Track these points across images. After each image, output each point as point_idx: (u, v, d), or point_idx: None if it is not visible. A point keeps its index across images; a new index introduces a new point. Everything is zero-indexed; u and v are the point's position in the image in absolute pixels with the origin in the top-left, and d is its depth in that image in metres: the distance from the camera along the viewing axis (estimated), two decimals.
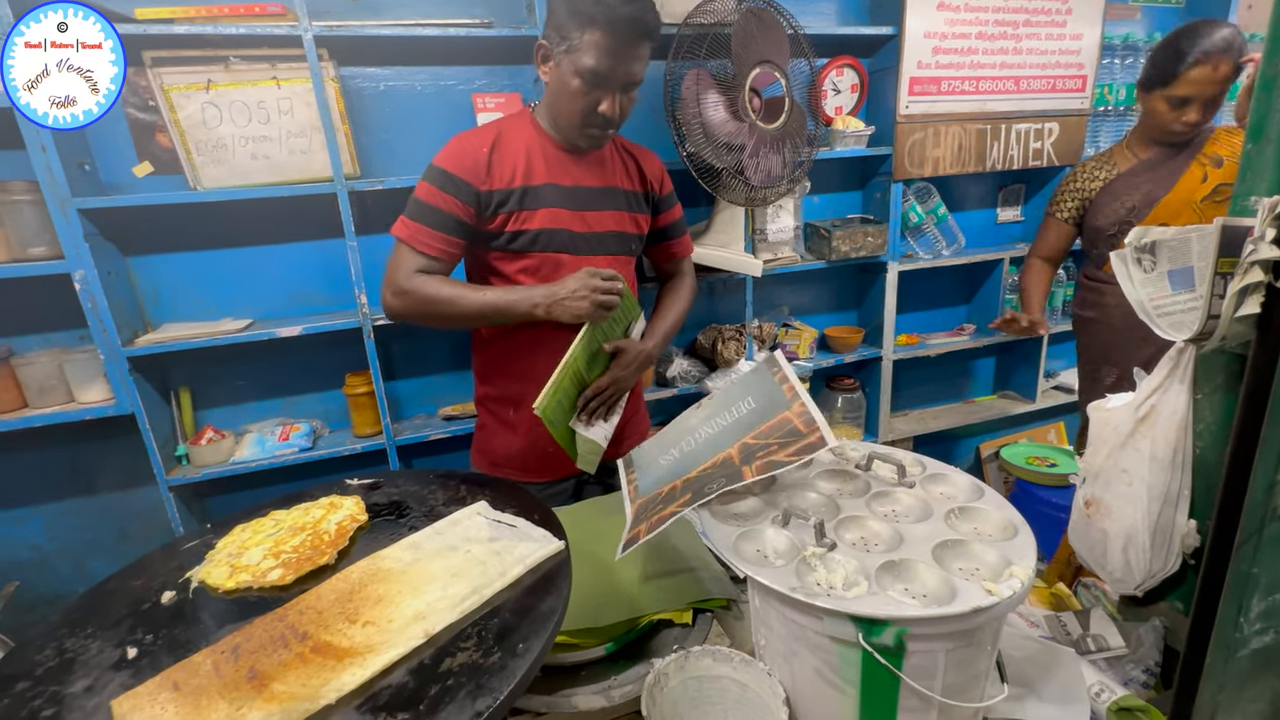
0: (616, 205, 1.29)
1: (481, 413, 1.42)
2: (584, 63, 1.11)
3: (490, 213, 1.19)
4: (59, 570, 1.81)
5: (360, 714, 0.55)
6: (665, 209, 1.40)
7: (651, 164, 1.37)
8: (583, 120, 1.17)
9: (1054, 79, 2.23)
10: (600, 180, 1.27)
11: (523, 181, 1.20)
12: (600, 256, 1.28)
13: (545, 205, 1.21)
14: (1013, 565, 0.75)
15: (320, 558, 0.78)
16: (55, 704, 0.60)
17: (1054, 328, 2.55)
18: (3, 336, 1.61)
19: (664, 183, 1.39)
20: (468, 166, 1.17)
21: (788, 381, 0.96)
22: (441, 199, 1.16)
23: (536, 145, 1.22)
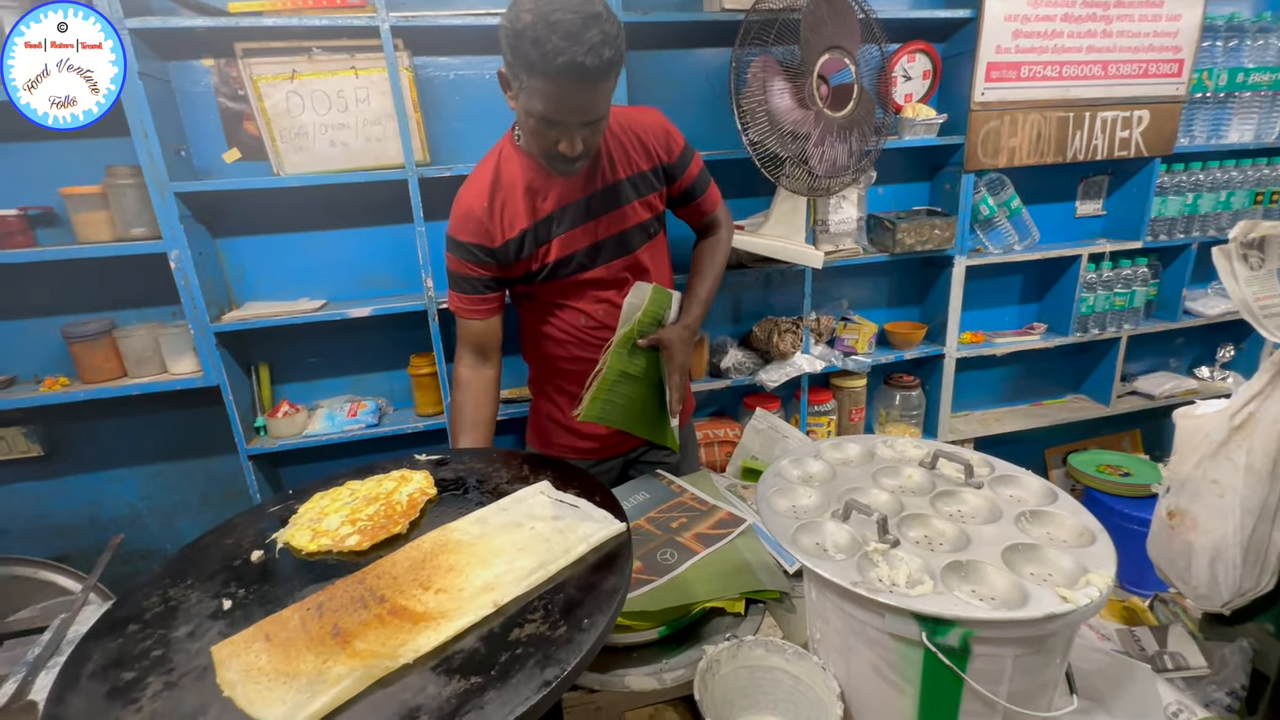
0: (623, 200, 1.23)
1: (535, 394, 1.46)
2: (534, 106, 1.02)
3: (512, 260, 1.22)
4: (149, 527, 1.96)
5: (435, 674, 0.58)
6: (681, 170, 1.29)
7: (652, 128, 1.25)
8: (545, 157, 1.11)
9: (1146, 63, 2.09)
10: (602, 181, 1.21)
11: (531, 221, 1.19)
12: (621, 258, 1.27)
13: (556, 233, 1.21)
14: (1090, 573, 0.72)
15: (393, 527, 0.82)
16: (163, 645, 0.65)
17: (1132, 330, 2.41)
18: (106, 310, 1.75)
19: (670, 144, 1.26)
20: (474, 230, 1.19)
21: (674, 483, 1.30)
22: (465, 266, 1.21)
23: (534, 176, 1.19)
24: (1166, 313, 2.49)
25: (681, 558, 1.04)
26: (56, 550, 1.88)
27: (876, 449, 1.04)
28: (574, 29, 0.94)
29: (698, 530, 1.11)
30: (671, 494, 1.25)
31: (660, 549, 1.07)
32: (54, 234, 1.65)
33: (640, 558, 1.05)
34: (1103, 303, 2.34)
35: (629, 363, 1.25)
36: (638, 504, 1.22)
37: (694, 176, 1.33)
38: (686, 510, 1.18)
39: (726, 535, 1.09)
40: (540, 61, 0.95)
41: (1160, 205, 2.31)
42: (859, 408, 2.30)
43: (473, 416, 1.26)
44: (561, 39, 0.94)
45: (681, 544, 1.08)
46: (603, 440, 1.38)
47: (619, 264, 1.27)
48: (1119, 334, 2.39)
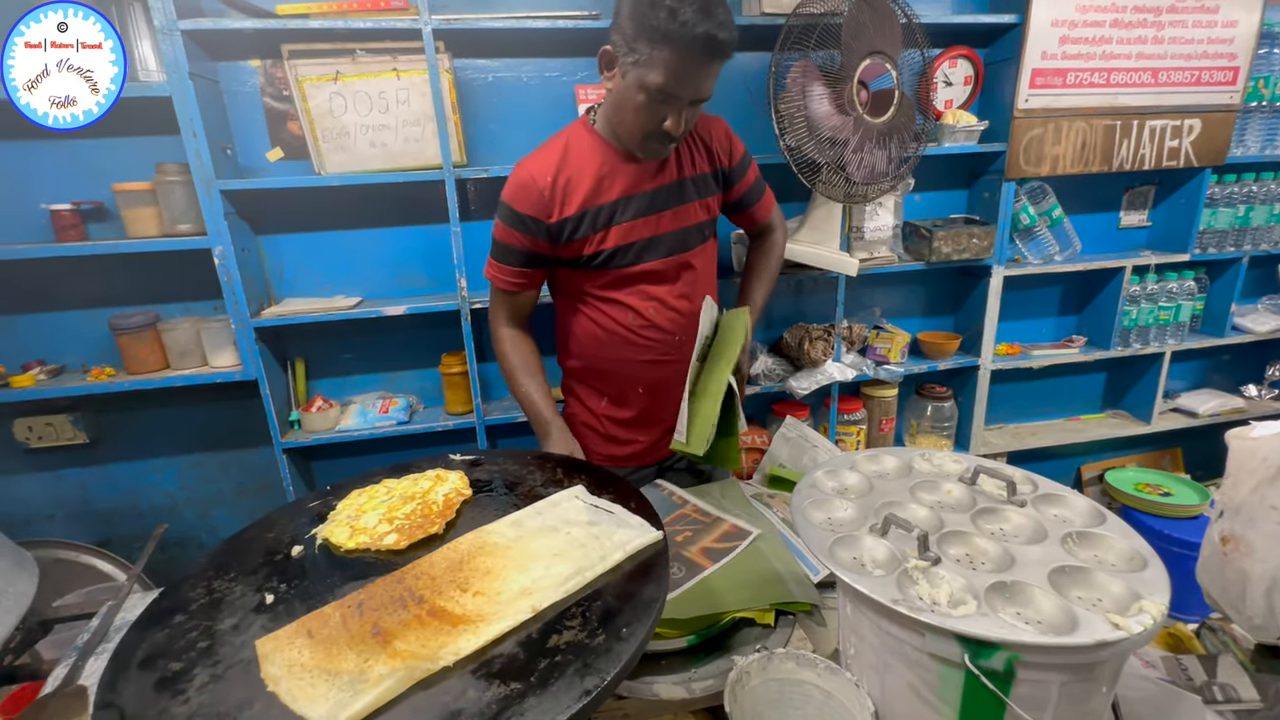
0: (686, 198, 1.26)
1: (567, 398, 1.45)
2: (651, 79, 1.04)
3: (565, 239, 1.20)
4: (187, 517, 2.01)
5: (475, 678, 0.58)
6: (739, 176, 1.33)
7: (718, 133, 1.29)
8: (644, 135, 1.12)
9: (1199, 70, 2.02)
10: (668, 177, 1.23)
11: (594, 203, 1.18)
12: (676, 255, 1.27)
13: (617, 221, 1.20)
14: (1143, 600, 0.70)
15: (430, 527, 0.83)
16: (208, 638, 0.67)
17: (1177, 345, 2.34)
18: (151, 304, 1.80)
19: (733, 149, 1.31)
20: (533, 202, 1.17)
21: (675, 494, 1.25)
22: (515, 237, 1.20)
23: (604, 160, 1.19)
24: (1213, 328, 2.41)
25: (689, 573, 1.02)
26: (99, 536, 1.94)
27: (914, 462, 1.02)
28: (706, 4, 1.00)
29: (704, 544, 1.09)
30: (673, 505, 1.22)
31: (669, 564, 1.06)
32: (104, 228, 1.70)
33: None
34: (1146, 316, 2.27)
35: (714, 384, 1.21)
36: None
37: (750, 184, 1.36)
38: (690, 523, 1.15)
39: (733, 549, 1.07)
40: (676, 30, 0.99)
41: (1210, 217, 2.23)
42: (889, 418, 2.26)
43: (531, 365, 1.28)
44: (695, 11, 0.98)
45: (688, 559, 1.06)
46: (640, 447, 1.38)
47: (674, 261, 1.27)
48: (1162, 349, 2.32)
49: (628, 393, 1.34)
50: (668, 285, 1.28)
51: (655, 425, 1.37)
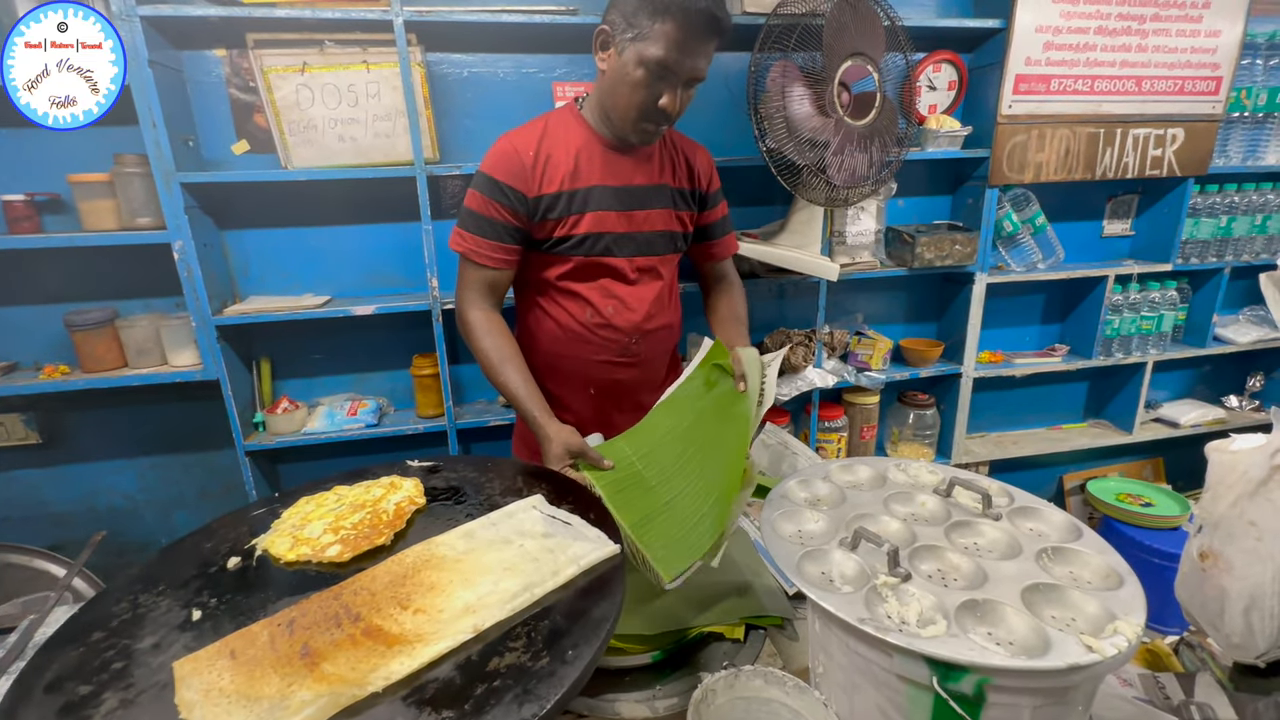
0: (663, 203, 1.25)
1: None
2: (651, 53, 1.05)
3: (539, 218, 1.18)
4: (146, 520, 1.95)
5: (406, 706, 0.54)
6: (711, 205, 1.35)
7: (702, 159, 1.32)
8: (640, 113, 1.12)
9: (1182, 80, 2.02)
10: (648, 178, 1.23)
11: (570, 185, 1.17)
12: (645, 257, 1.25)
13: (592, 208, 1.18)
14: (1117, 620, 0.67)
15: (377, 538, 0.79)
16: (125, 658, 0.62)
17: (1159, 355, 2.33)
18: (109, 300, 1.73)
19: (713, 179, 1.35)
20: (515, 172, 1.14)
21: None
22: (493, 208, 1.15)
23: (584, 144, 1.18)
24: (1195, 338, 2.41)
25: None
26: (53, 539, 1.86)
27: (889, 472, 0.99)
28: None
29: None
30: None
31: None
32: (60, 221, 1.64)
33: None
34: (1128, 326, 2.27)
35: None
36: None
37: (719, 216, 1.38)
38: None
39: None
40: (679, 3, 1.03)
41: (1192, 227, 2.24)
42: (871, 425, 2.24)
43: (508, 352, 1.19)
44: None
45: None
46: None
47: (641, 262, 1.25)
48: (1144, 358, 2.32)
49: (579, 393, 1.32)
50: (630, 286, 1.25)
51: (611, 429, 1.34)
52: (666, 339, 1.36)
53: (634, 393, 1.34)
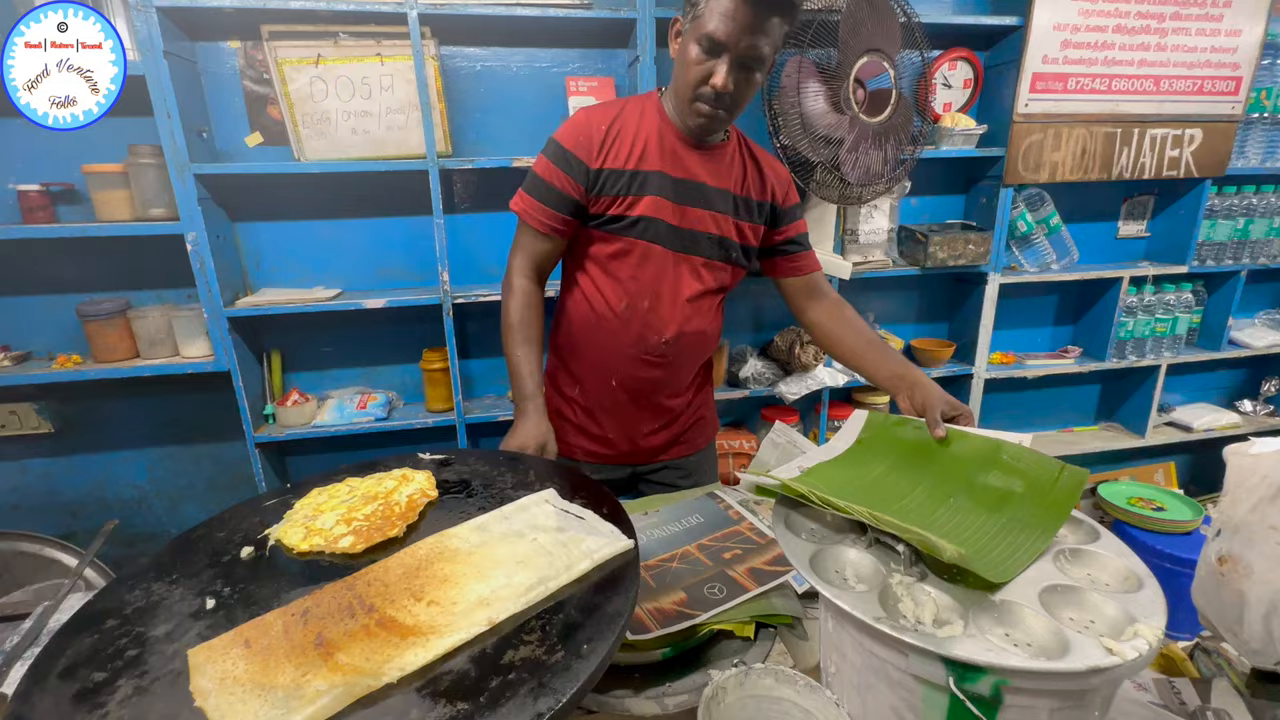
0: (724, 208, 1.22)
1: (547, 383, 1.37)
2: (704, 28, 1.05)
3: (598, 191, 1.17)
4: (156, 510, 1.96)
5: (420, 697, 0.54)
6: (788, 220, 1.30)
7: (778, 173, 1.29)
8: (692, 92, 1.10)
9: (1201, 80, 2.00)
10: (713, 179, 1.20)
11: (635, 165, 1.16)
12: (691, 256, 1.22)
13: (651, 193, 1.17)
14: (1138, 623, 0.66)
15: (390, 529, 0.78)
16: (139, 645, 0.62)
17: (1173, 358, 2.31)
18: (122, 290, 1.74)
19: (789, 194, 1.30)
20: (583, 143, 1.15)
21: (732, 508, 1.17)
22: (556, 175, 1.15)
23: (655, 129, 1.18)
24: (1210, 341, 2.39)
25: (731, 593, 0.96)
26: (64, 528, 1.88)
27: None
28: None
29: (752, 564, 1.02)
30: (729, 521, 1.15)
31: (709, 582, 0.99)
32: (75, 211, 1.65)
33: (685, 589, 0.98)
34: (1142, 328, 2.25)
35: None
36: (690, 527, 1.13)
37: (800, 231, 1.32)
38: (743, 541, 1.09)
39: (785, 572, 1.00)
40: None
41: (1209, 229, 2.21)
42: None
43: (531, 328, 1.21)
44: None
45: (732, 578, 0.99)
46: (613, 444, 1.33)
47: (687, 261, 1.22)
48: (1158, 361, 2.30)
49: (602, 383, 1.30)
50: (672, 284, 1.23)
51: (627, 425, 1.33)
52: (699, 346, 1.33)
53: (655, 393, 1.32)
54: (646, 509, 1.19)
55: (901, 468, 0.95)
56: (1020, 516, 0.82)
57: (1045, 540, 0.79)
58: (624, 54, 1.86)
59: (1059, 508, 0.83)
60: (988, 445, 0.93)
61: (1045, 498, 0.85)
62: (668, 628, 0.90)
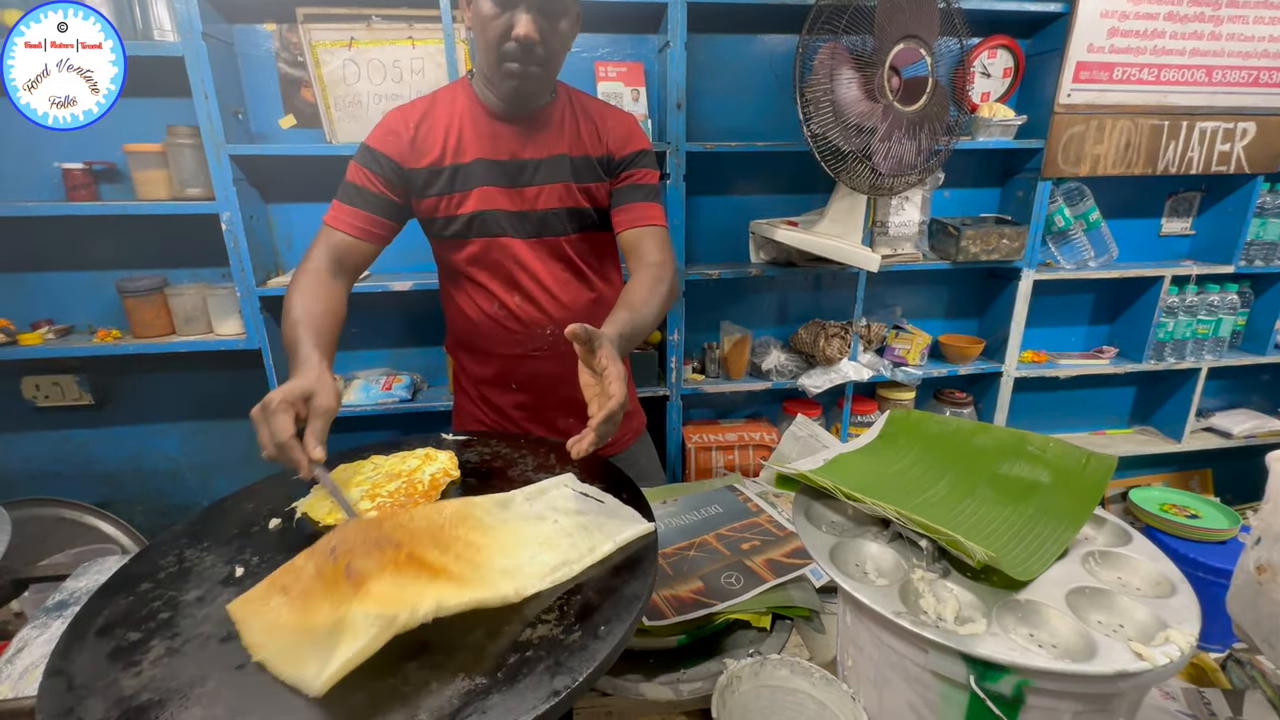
0: (560, 176, 1.11)
1: (455, 389, 1.32)
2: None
3: (420, 194, 1.09)
4: (189, 483, 2.02)
5: (439, 670, 0.54)
6: (622, 169, 1.16)
7: (615, 122, 1.16)
8: (498, 52, 0.99)
9: (1257, 70, 1.91)
10: (540, 150, 1.10)
11: (451, 160, 1.08)
12: (544, 238, 1.13)
13: (476, 184, 1.08)
14: (1170, 629, 0.64)
15: (413, 507, 0.79)
16: (171, 608, 0.64)
17: (1214, 361, 2.23)
18: (160, 268, 1.79)
19: (629, 142, 1.15)
20: (391, 143, 1.07)
21: (751, 500, 1.18)
22: (365, 176, 1.08)
23: (467, 115, 1.09)
24: (1255, 345, 2.30)
25: (748, 584, 0.96)
26: (102, 497, 1.95)
27: None
28: None
29: (770, 556, 1.03)
30: (748, 512, 1.16)
31: (726, 571, 0.99)
32: (115, 189, 1.70)
33: (702, 577, 0.98)
34: (1183, 329, 2.17)
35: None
36: (708, 517, 1.14)
37: (630, 181, 1.17)
38: (761, 533, 1.09)
39: (803, 565, 1.00)
40: None
41: (1259, 227, 2.12)
42: None
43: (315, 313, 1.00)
44: None
45: (750, 568, 1.00)
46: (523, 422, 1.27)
47: (543, 244, 1.13)
48: (1199, 364, 2.22)
49: (503, 388, 1.24)
50: (534, 273, 1.14)
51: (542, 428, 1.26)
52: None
53: (560, 386, 1.19)
54: (665, 498, 1.19)
55: (926, 460, 0.93)
56: (1047, 507, 0.81)
57: (1073, 531, 0.77)
58: (654, 39, 1.84)
59: (1087, 497, 0.81)
60: (1012, 436, 0.91)
61: (1072, 487, 0.83)
62: (684, 615, 0.90)
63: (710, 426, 2.09)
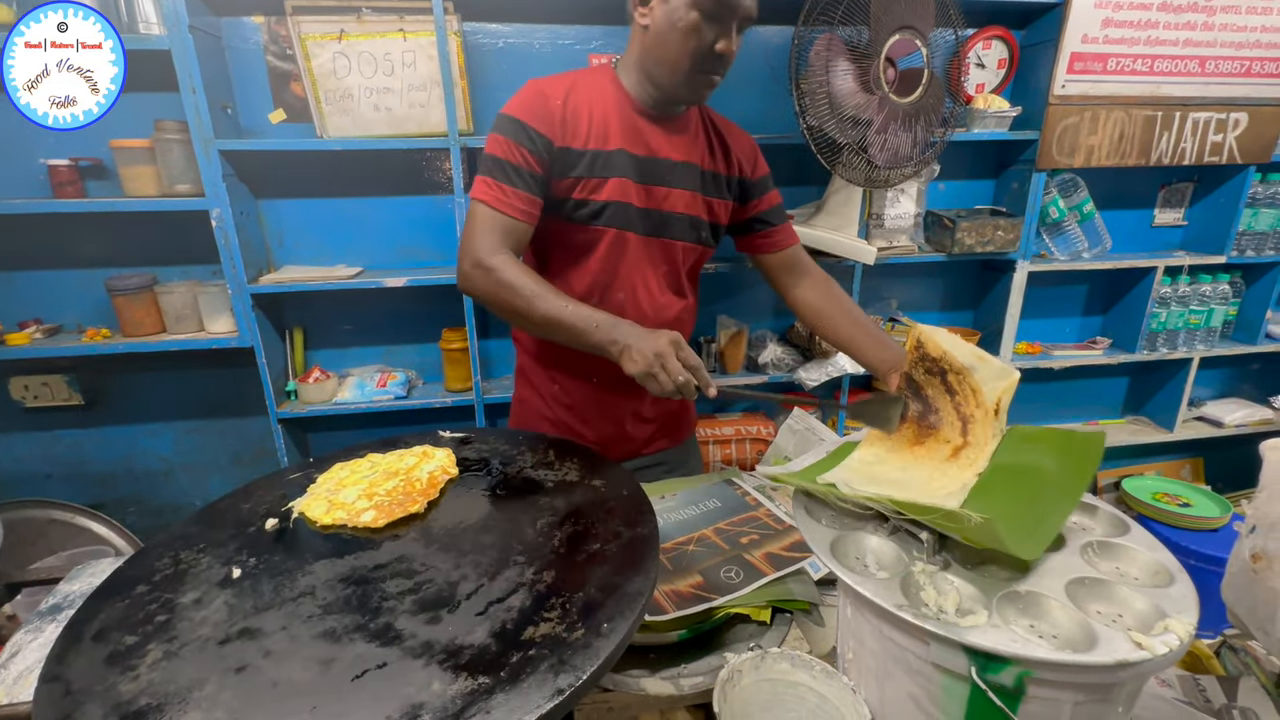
0: (691, 184, 1.14)
1: (520, 384, 1.31)
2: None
3: (559, 173, 1.06)
4: (181, 482, 2.00)
5: (443, 669, 0.54)
6: (760, 193, 1.23)
7: (741, 143, 1.21)
8: (693, 63, 1.01)
9: (1250, 61, 1.91)
10: (678, 153, 1.12)
11: (596, 144, 1.06)
12: (664, 239, 1.14)
13: (615, 174, 1.07)
14: (1169, 619, 0.64)
15: (411, 505, 0.79)
16: (168, 611, 0.63)
17: (1206, 351, 2.25)
18: (149, 266, 1.77)
19: (757, 164, 1.22)
20: (541, 115, 1.03)
21: (749, 494, 1.17)
22: (517, 152, 1.02)
23: (613, 105, 1.08)
24: (1246, 334, 2.32)
25: (748, 578, 0.96)
26: (94, 498, 1.93)
27: None
28: None
29: (769, 550, 1.02)
30: (746, 506, 1.15)
31: (726, 565, 0.99)
32: (103, 186, 1.68)
33: (702, 571, 0.98)
34: (1176, 320, 2.19)
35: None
36: (707, 511, 1.13)
37: (774, 204, 1.25)
38: (760, 527, 1.09)
39: (802, 558, 1.00)
40: None
41: (1251, 218, 2.13)
42: None
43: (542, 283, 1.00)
44: None
45: (749, 562, 0.99)
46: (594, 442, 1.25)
47: (655, 243, 1.15)
48: (1190, 354, 2.24)
49: (582, 381, 1.23)
50: (644, 271, 1.16)
51: (610, 420, 1.27)
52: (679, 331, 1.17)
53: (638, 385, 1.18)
54: (664, 493, 1.18)
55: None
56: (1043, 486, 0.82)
57: (1072, 503, 0.78)
58: None
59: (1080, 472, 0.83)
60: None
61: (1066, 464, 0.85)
62: (684, 610, 0.90)
63: (707, 420, 2.09)
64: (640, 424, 1.28)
